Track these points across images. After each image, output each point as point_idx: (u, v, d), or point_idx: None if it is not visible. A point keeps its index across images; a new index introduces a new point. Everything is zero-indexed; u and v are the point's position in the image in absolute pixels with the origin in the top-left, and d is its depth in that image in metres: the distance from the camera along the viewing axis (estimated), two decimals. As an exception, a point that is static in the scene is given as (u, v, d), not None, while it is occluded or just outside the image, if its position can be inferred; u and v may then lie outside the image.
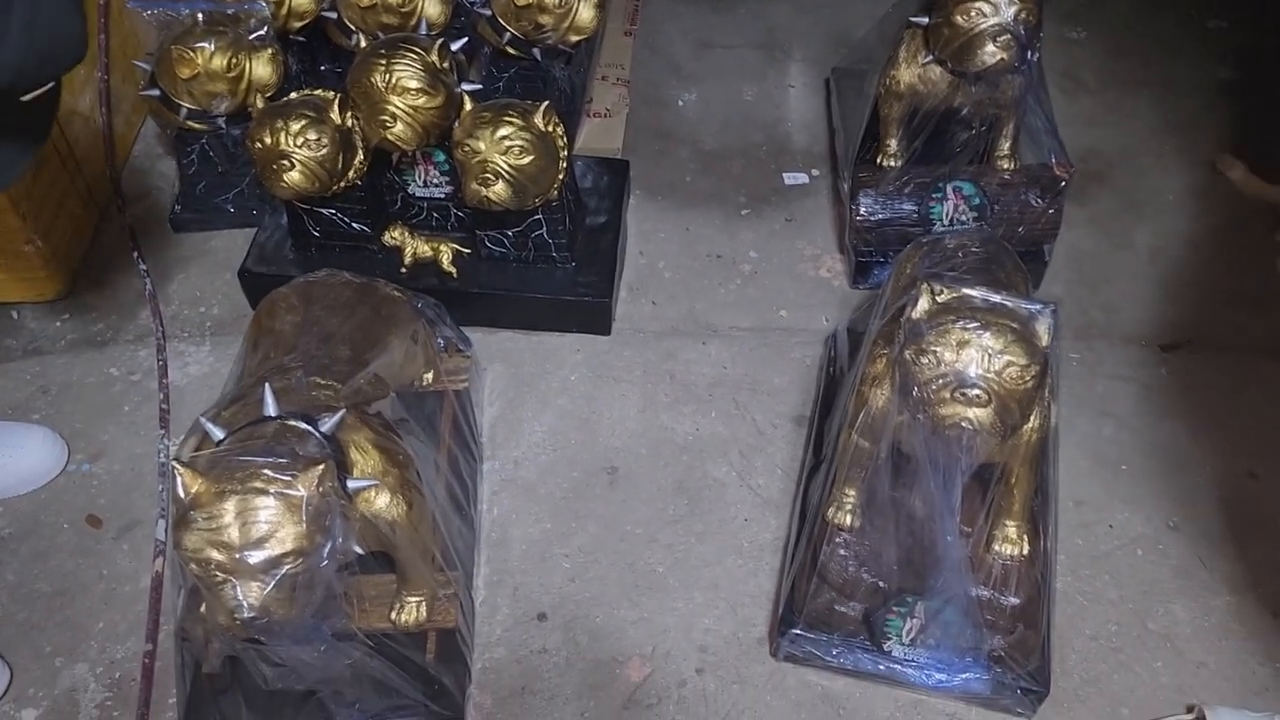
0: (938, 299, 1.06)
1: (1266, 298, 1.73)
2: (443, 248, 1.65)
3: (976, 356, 1.00)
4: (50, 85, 1.03)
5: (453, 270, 1.65)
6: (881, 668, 1.23)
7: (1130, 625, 1.32)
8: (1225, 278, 1.77)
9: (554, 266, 1.67)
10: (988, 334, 1.00)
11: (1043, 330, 1.03)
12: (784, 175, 1.98)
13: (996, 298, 1.06)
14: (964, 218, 1.70)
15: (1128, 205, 1.91)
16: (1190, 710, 1.22)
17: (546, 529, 1.42)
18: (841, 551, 1.22)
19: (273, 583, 0.92)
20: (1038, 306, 1.04)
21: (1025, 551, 1.19)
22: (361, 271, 1.59)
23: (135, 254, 1.76)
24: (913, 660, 1.21)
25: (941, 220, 1.70)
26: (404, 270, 1.65)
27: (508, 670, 1.28)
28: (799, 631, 1.24)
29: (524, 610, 1.34)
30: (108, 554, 1.39)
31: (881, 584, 1.21)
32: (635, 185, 1.91)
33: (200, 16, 1.64)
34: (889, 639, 1.20)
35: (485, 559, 1.39)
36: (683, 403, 1.58)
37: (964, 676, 1.20)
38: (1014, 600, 1.18)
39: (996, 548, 1.20)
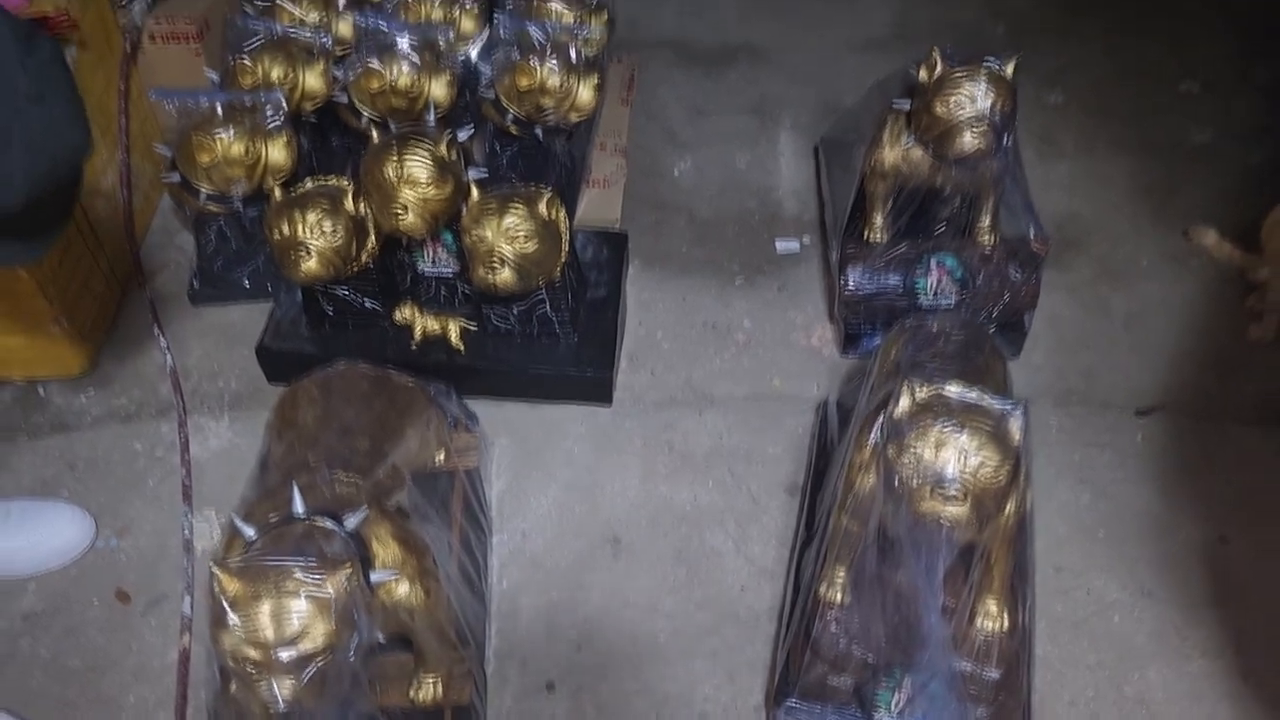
0: (917, 398, 1.14)
1: (1237, 363, 1.82)
2: (451, 324, 1.73)
3: (953, 456, 1.08)
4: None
5: (461, 346, 1.73)
6: (872, 736, 1.30)
7: (1107, 691, 1.40)
8: (1198, 343, 1.86)
9: (557, 340, 1.75)
10: (964, 434, 1.08)
11: (1014, 429, 1.11)
12: (776, 243, 2.07)
13: (972, 396, 1.14)
14: (947, 290, 1.78)
15: (1104, 272, 1.99)
16: (1163, 773, 1.29)
17: (553, 599, 1.50)
18: (833, 627, 1.29)
19: (305, 677, 0.99)
20: (1009, 406, 1.12)
21: (1006, 626, 1.27)
22: (374, 347, 1.71)
23: (156, 329, 1.84)
24: (901, 730, 1.28)
25: (926, 293, 1.79)
26: (414, 346, 1.72)
27: (518, 740, 1.35)
28: (794, 703, 1.31)
29: (533, 681, 1.41)
30: (136, 629, 1.46)
31: (871, 658, 1.28)
32: (633, 255, 1.99)
33: (219, 106, 1.72)
34: (879, 710, 1.27)
35: (496, 630, 1.46)
36: (681, 472, 1.66)
37: (950, 745, 1.27)
38: (995, 674, 1.25)
39: (978, 623, 1.27)
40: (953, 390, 1.15)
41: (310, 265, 1.55)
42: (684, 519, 1.60)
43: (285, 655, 0.98)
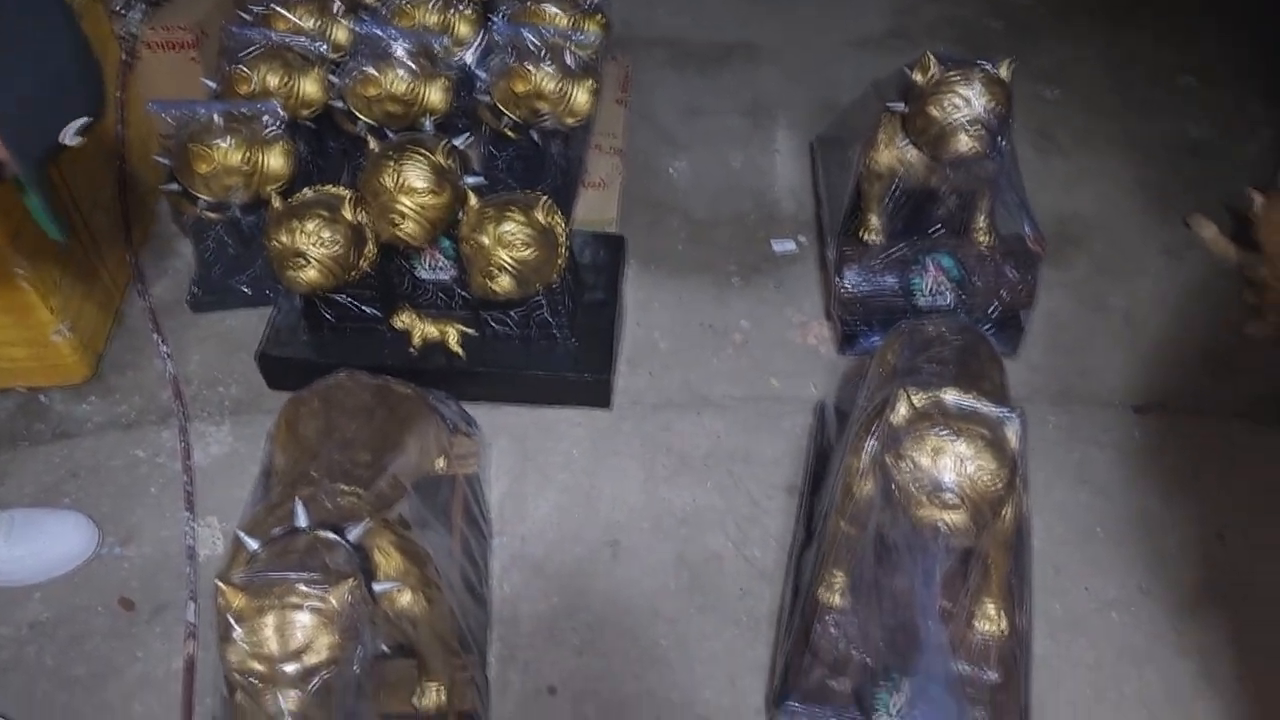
0: (914, 405, 1.14)
1: (1234, 359, 1.82)
2: (449, 329, 1.74)
3: (950, 463, 1.08)
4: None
5: (459, 351, 1.73)
6: (872, 738, 1.31)
7: (1106, 690, 1.41)
8: (1195, 340, 1.87)
9: (555, 343, 1.75)
10: (961, 442, 1.09)
11: (1011, 435, 1.12)
12: (772, 243, 2.07)
13: (969, 402, 1.15)
14: (943, 290, 1.79)
15: (1102, 269, 2.00)
16: (1161, 772, 1.30)
17: (554, 604, 1.51)
18: (832, 630, 1.31)
19: (310, 689, 1.00)
20: (1006, 412, 1.13)
21: (1004, 629, 1.28)
22: (374, 353, 1.72)
23: (156, 336, 1.85)
24: (901, 732, 1.29)
25: (923, 292, 1.79)
26: (413, 351, 1.73)
27: (521, 745, 1.37)
28: (794, 705, 1.32)
29: (535, 685, 1.42)
30: (141, 636, 1.47)
31: (869, 661, 1.29)
32: (630, 256, 2.00)
33: (216, 116, 1.73)
34: (877, 712, 1.28)
35: (497, 635, 1.47)
36: (680, 475, 1.67)
37: (949, 746, 1.28)
38: (993, 676, 1.27)
39: (976, 625, 1.28)
40: (949, 397, 1.15)
41: (310, 274, 1.56)
42: (684, 521, 1.61)
43: (290, 668, 0.99)
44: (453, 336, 1.74)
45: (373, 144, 1.61)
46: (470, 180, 1.63)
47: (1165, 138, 2.27)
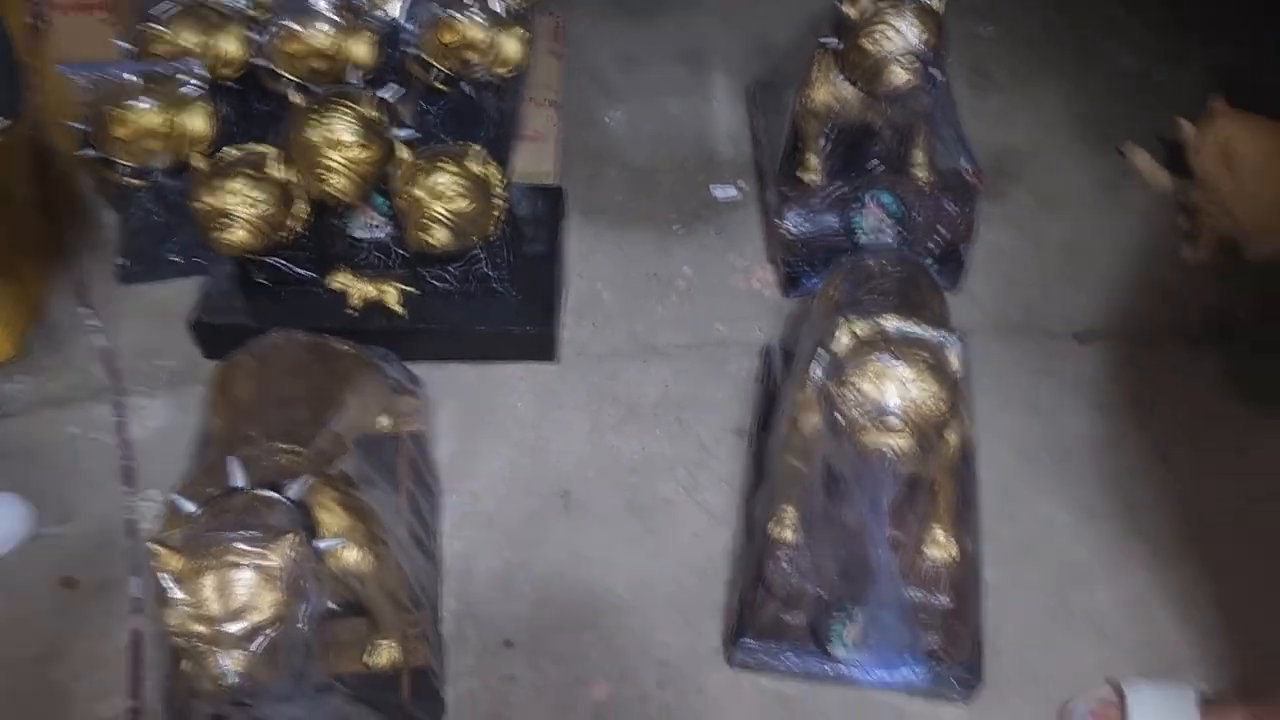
0: (856, 333, 1.14)
1: (1171, 285, 1.85)
2: (388, 288, 1.70)
3: (893, 388, 1.08)
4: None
5: (399, 309, 1.70)
6: (828, 670, 1.32)
7: (1056, 610, 1.43)
8: (1134, 268, 1.89)
9: (497, 298, 1.73)
10: (903, 365, 1.09)
11: (953, 358, 1.12)
12: (713, 189, 2.06)
13: (910, 328, 1.15)
14: (884, 227, 1.78)
15: (1041, 201, 2.01)
16: (1111, 685, 1.33)
17: (508, 558, 1.49)
18: (784, 565, 1.31)
19: (255, 649, 0.98)
20: (946, 336, 1.13)
21: (954, 554, 1.29)
22: (312, 315, 1.68)
23: (84, 310, 1.79)
24: (856, 661, 1.30)
25: (864, 230, 1.79)
26: (352, 312, 1.69)
27: (480, 699, 1.35)
28: (750, 642, 1.32)
29: (491, 639, 1.41)
30: (86, 615, 1.43)
31: (823, 594, 1.30)
32: (571, 207, 1.97)
33: (132, 77, 1.66)
34: (833, 643, 1.29)
35: (451, 591, 1.45)
36: (629, 424, 1.66)
37: (904, 673, 1.29)
38: (945, 600, 1.28)
39: (926, 551, 1.29)
40: (890, 324, 1.15)
41: (238, 235, 1.51)
42: (634, 470, 1.60)
43: (233, 628, 0.97)
44: (392, 295, 1.70)
45: (296, 99, 1.56)
46: (401, 133, 1.59)
47: (1097, 70, 2.29)
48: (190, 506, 1.06)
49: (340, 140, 1.50)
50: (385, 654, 1.25)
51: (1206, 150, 1.87)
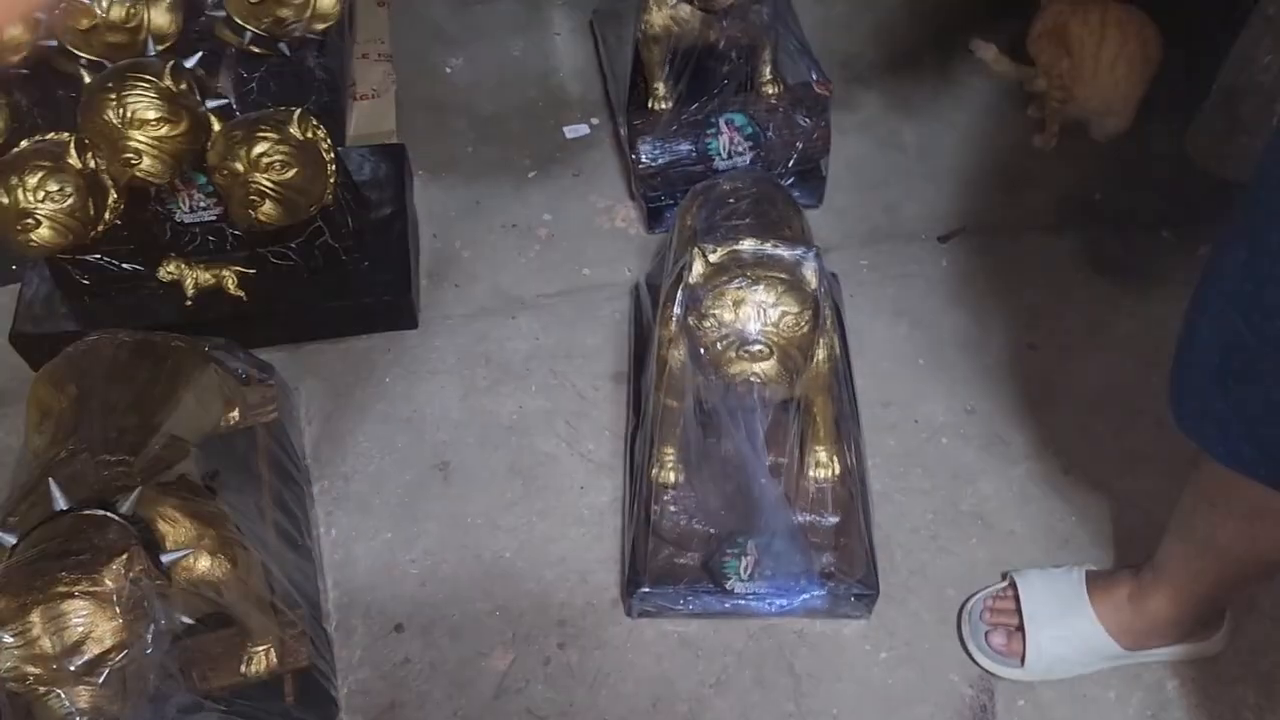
0: (710, 260, 1.09)
1: (1026, 175, 1.86)
2: (225, 272, 1.59)
3: (753, 313, 1.04)
4: None
5: (241, 293, 1.59)
6: (728, 605, 1.30)
7: (945, 511, 1.43)
8: (988, 162, 1.89)
9: (345, 269, 1.63)
10: (760, 289, 1.05)
11: (810, 274, 1.08)
12: (565, 129, 1.98)
13: (766, 248, 1.10)
14: (740, 149, 1.74)
15: (893, 105, 1.99)
16: (1004, 578, 1.34)
17: (388, 539, 1.43)
18: (671, 508, 1.28)
19: (100, 682, 0.90)
20: (802, 252, 1.09)
21: (837, 472, 1.27)
22: (146, 313, 1.56)
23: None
24: (754, 593, 1.28)
25: (720, 154, 1.74)
26: (189, 303, 1.58)
27: (374, 688, 1.29)
28: (646, 589, 1.29)
29: (379, 626, 1.34)
30: (-72, 667, 1.32)
31: (713, 531, 1.27)
32: (416, 166, 1.87)
33: (-102, 72, 1.50)
34: (729, 579, 1.27)
35: (332, 583, 1.38)
36: (502, 383, 1.60)
37: (803, 597, 1.28)
38: (833, 519, 1.27)
39: (810, 473, 1.27)
40: (745, 247, 1.11)
41: (42, 234, 1.38)
42: (512, 429, 1.54)
43: (72, 664, 0.89)
44: (230, 280, 1.59)
45: (85, 77, 1.42)
46: (212, 104, 1.47)
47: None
48: (9, 538, 0.97)
49: (142, 118, 1.37)
50: (261, 661, 1.18)
51: (1043, 37, 1.87)
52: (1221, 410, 0.89)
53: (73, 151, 1.39)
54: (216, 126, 1.45)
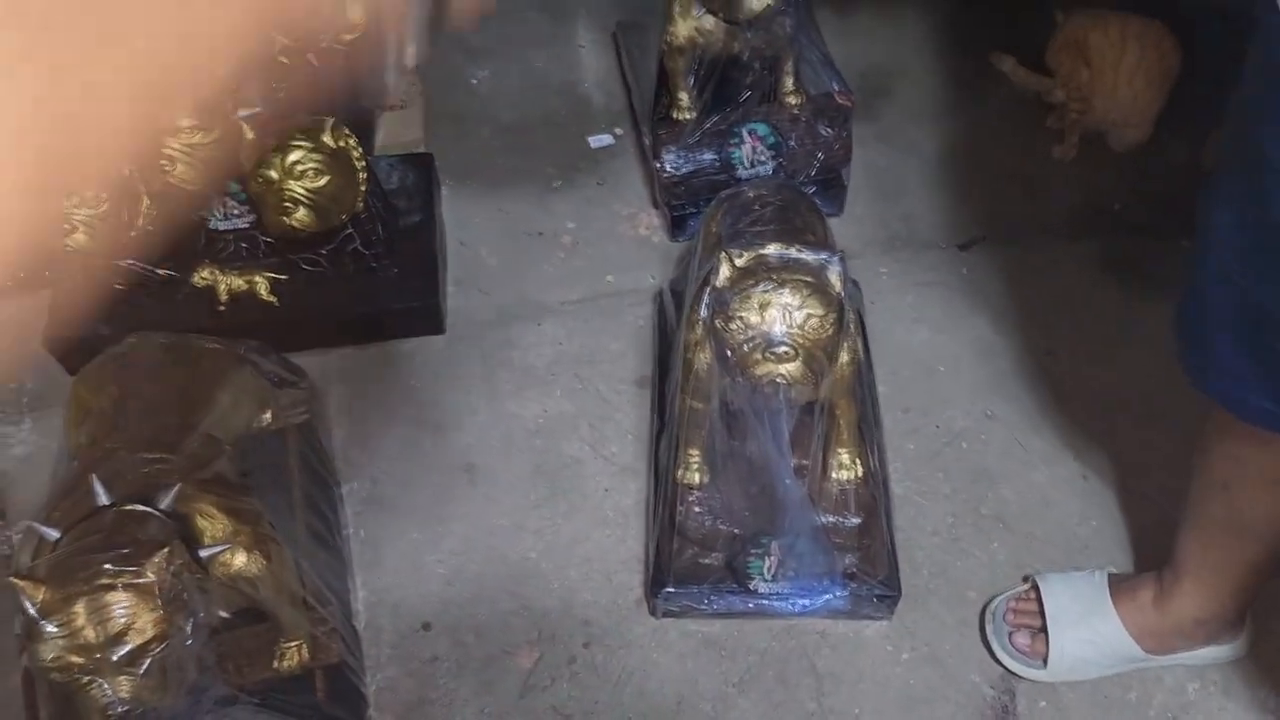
0: (737, 264, 1.12)
1: (1044, 184, 1.87)
2: (258, 278, 1.62)
3: (779, 315, 1.06)
4: None
5: (273, 299, 1.62)
6: (751, 605, 1.31)
7: (965, 515, 1.45)
8: (1007, 171, 1.90)
9: (375, 276, 1.66)
10: (785, 292, 1.07)
11: (834, 278, 1.10)
12: (589, 139, 2.01)
13: (791, 253, 1.13)
14: (763, 158, 1.76)
15: (912, 115, 2.01)
16: (1026, 580, 1.35)
17: (416, 540, 1.45)
18: (696, 509, 1.29)
19: (141, 672, 0.92)
20: (826, 256, 1.11)
21: (860, 474, 1.29)
22: (179, 318, 1.58)
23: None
24: (778, 593, 1.30)
25: (743, 164, 1.76)
26: (222, 308, 1.61)
27: (403, 686, 1.31)
28: (671, 589, 1.31)
29: (408, 624, 1.37)
30: (-32, 661, 1.35)
31: (737, 531, 1.29)
32: (443, 174, 1.90)
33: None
34: (753, 579, 1.28)
35: (361, 582, 1.40)
36: (526, 387, 1.62)
37: (826, 598, 1.29)
38: (856, 520, 1.28)
39: (833, 475, 1.29)
40: (770, 251, 1.13)
41: (78, 240, 1.41)
42: (537, 433, 1.56)
43: (114, 654, 0.91)
44: (263, 286, 1.62)
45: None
46: (244, 113, 1.50)
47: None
48: (53, 534, 0.99)
49: (175, 126, 1.40)
50: (294, 656, 1.20)
51: (1062, 48, 1.89)
52: (1242, 366, 0.90)
53: (111, 159, 1.42)
54: (248, 134, 1.48)
